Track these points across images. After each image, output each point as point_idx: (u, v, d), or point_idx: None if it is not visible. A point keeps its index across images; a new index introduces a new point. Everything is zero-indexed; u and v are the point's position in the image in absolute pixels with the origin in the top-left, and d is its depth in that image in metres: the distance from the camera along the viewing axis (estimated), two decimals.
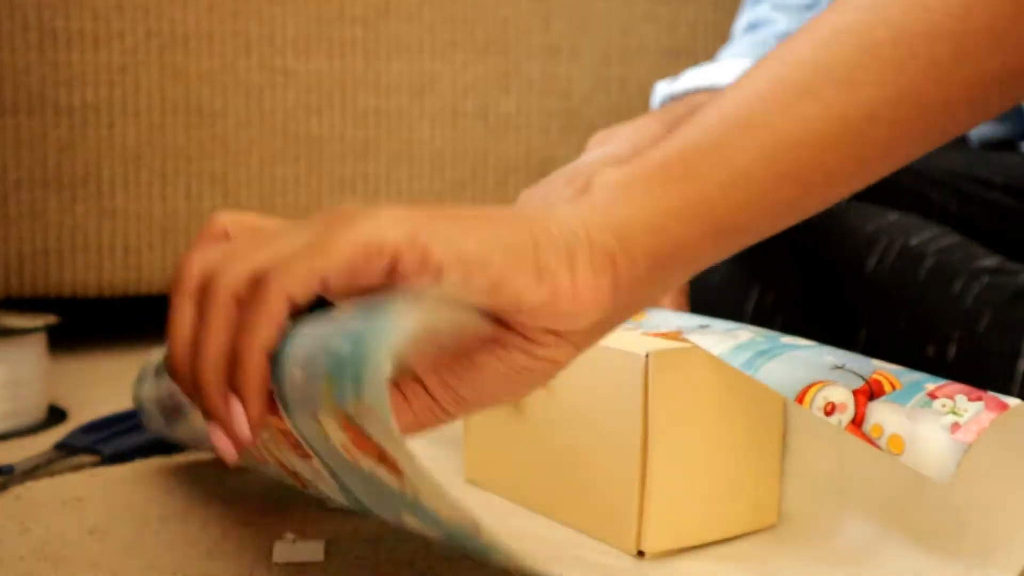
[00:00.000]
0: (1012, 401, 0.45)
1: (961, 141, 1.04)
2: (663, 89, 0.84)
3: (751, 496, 0.55)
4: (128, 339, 1.09)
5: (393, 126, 1.10)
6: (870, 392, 0.47)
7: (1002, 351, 0.79)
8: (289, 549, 0.53)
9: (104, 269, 1.02)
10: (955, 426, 0.44)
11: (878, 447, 0.46)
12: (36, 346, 0.76)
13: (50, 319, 0.77)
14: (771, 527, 0.56)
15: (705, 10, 1.21)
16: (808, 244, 0.82)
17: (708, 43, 1.20)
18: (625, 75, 1.18)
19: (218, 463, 0.68)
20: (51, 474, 0.65)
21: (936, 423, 0.45)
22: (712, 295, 0.91)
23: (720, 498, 0.54)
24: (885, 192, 0.92)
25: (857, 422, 0.47)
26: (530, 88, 1.15)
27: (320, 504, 0.60)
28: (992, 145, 1.01)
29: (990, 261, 0.83)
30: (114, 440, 0.69)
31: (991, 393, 0.46)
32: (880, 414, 0.46)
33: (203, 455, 0.69)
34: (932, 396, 0.46)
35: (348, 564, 0.52)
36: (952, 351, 0.81)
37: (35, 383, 0.76)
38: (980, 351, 0.80)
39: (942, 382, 0.47)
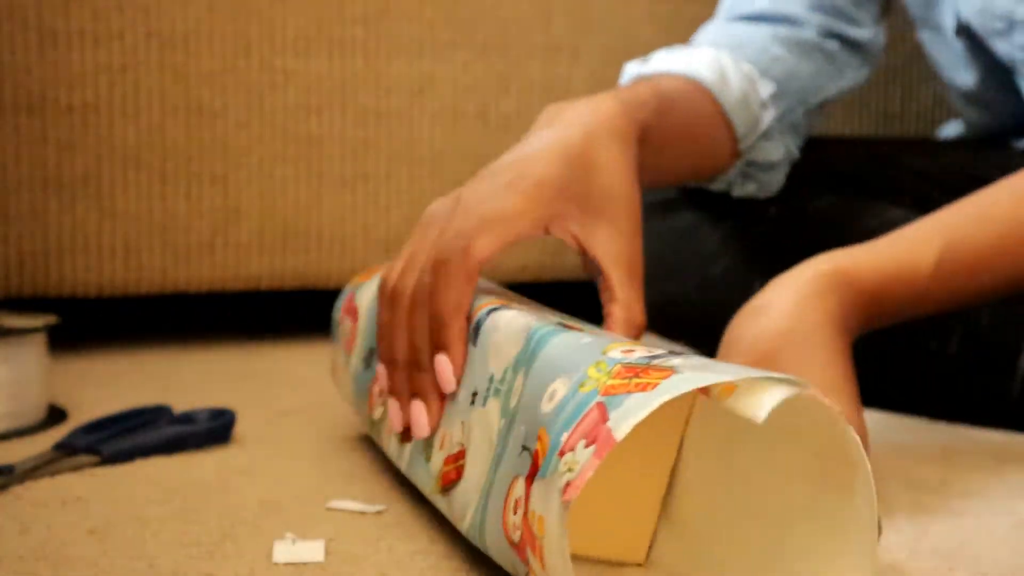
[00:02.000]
0: (617, 432, 0.38)
1: (961, 137, 1.04)
2: (633, 69, 0.80)
3: (623, 522, 0.53)
4: (128, 339, 1.09)
5: (393, 126, 1.10)
6: (536, 470, 0.42)
7: (1003, 346, 0.79)
8: (289, 549, 0.53)
9: (104, 269, 1.02)
10: (567, 487, 0.38)
11: (536, 538, 0.41)
12: (36, 346, 0.76)
13: (50, 319, 0.77)
14: (637, 566, 0.53)
15: (705, 10, 1.21)
16: (811, 238, 0.82)
17: None
18: None
19: (218, 462, 0.68)
20: (51, 474, 0.65)
21: (555, 489, 0.39)
22: (715, 287, 0.91)
23: (591, 513, 0.50)
24: (887, 192, 0.92)
25: (527, 515, 0.41)
26: (530, 88, 1.15)
27: (321, 503, 0.61)
28: (984, 139, 1.01)
29: None
30: (114, 440, 0.69)
31: (608, 425, 0.39)
32: (535, 499, 0.41)
33: (208, 454, 0.70)
34: (561, 453, 0.40)
35: (348, 564, 0.52)
36: (954, 346, 0.81)
37: (35, 383, 0.76)
38: (981, 346, 0.80)
39: (578, 418, 0.41)
